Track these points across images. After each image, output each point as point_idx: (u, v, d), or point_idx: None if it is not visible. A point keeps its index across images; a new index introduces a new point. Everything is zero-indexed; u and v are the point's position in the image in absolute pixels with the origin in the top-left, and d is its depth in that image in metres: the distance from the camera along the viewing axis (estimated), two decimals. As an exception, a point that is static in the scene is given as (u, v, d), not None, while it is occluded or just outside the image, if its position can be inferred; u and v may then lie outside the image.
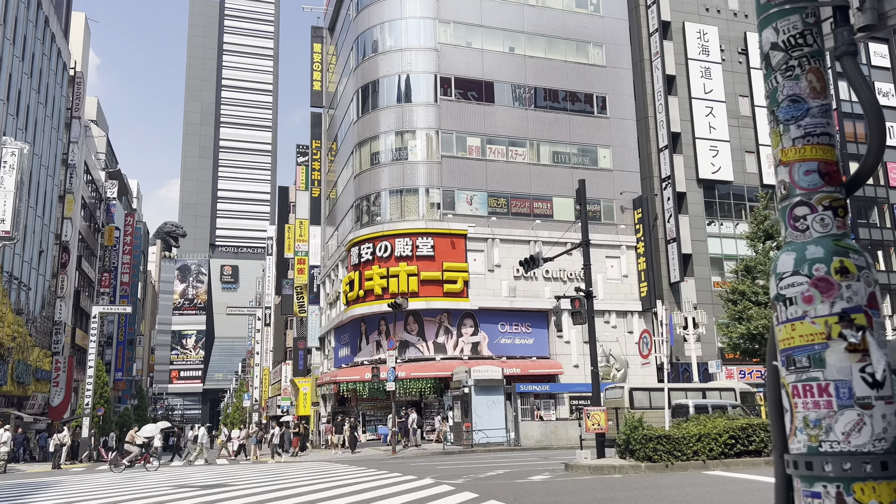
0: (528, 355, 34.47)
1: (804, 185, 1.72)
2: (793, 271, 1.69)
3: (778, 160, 1.77)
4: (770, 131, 1.83)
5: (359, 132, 37.24)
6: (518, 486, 13.02)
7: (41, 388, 40.74)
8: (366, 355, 34.86)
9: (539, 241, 34.07)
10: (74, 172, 47.36)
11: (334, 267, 41.20)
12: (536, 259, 20.23)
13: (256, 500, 11.82)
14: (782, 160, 1.75)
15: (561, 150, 37.49)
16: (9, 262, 34.70)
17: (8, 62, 33.91)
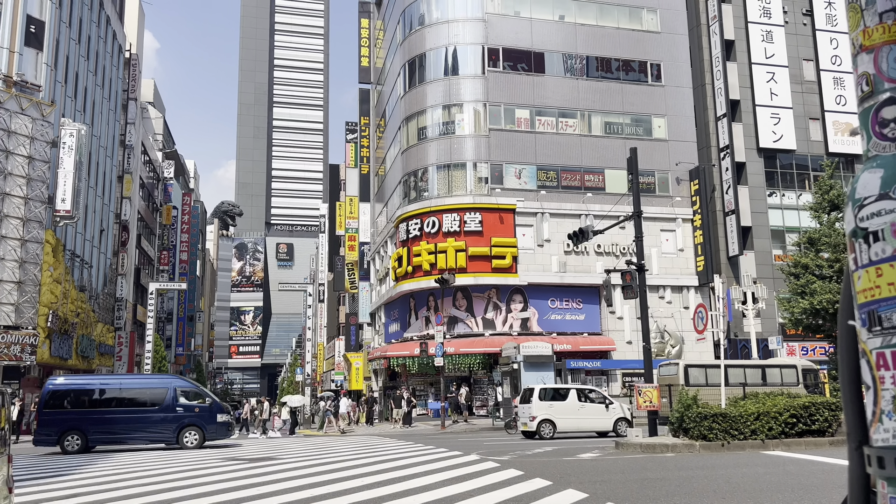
0: (580, 331, 33.87)
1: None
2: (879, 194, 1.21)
3: (858, 45, 1.28)
4: (847, 7, 1.34)
5: (406, 107, 36.90)
6: (566, 463, 12.66)
7: (105, 361, 42.23)
8: (415, 331, 34.85)
9: (590, 215, 33.21)
10: (132, 153, 48.50)
11: (383, 243, 41.22)
12: (586, 232, 19.62)
13: (299, 474, 11.79)
14: (864, 44, 1.26)
15: (613, 120, 36.39)
16: (71, 241, 35.82)
17: (65, 45, 34.67)
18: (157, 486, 10.79)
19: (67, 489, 10.72)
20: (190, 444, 19.57)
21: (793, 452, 13.50)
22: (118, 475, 12.63)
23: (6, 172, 29.00)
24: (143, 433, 19.69)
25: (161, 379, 22.61)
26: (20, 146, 29.60)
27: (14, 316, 28.70)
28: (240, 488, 10.22)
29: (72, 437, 18.95)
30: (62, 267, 33.12)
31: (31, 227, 29.65)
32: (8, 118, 29.20)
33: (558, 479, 10.41)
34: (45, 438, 19.10)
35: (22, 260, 29.16)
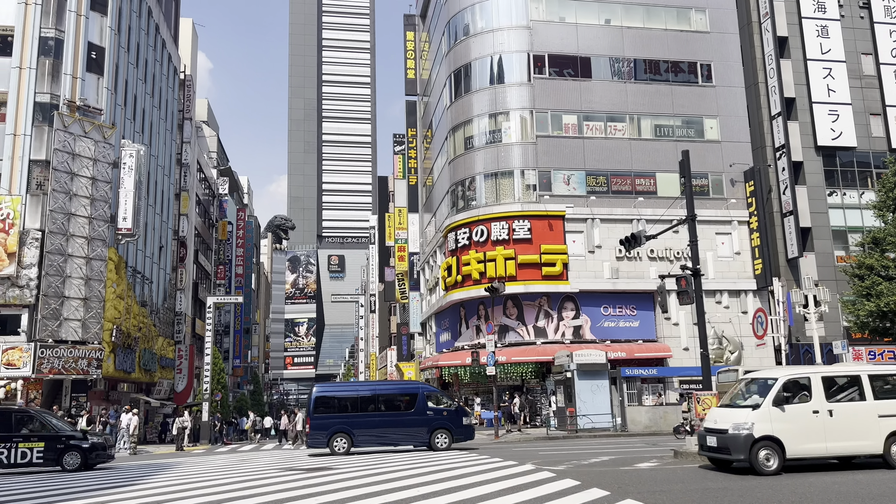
0: (634, 338, 33.31)
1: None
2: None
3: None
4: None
5: (452, 117, 37.08)
6: (623, 473, 12.43)
7: (166, 374, 43.51)
8: (466, 340, 34.84)
9: (642, 220, 32.66)
10: (188, 171, 50.02)
11: (432, 253, 41.40)
12: (638, 237, 19.28)
13: (353, 484, 11.89)
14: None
15: (664, 122, 35.83)
16: (132, 258, 37.10)
17: (124, 69, 36.07)
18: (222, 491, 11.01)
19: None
20: (441, 446, 20.46)
21: (862, 461, 12.97)
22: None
23: (71, 193, 30.28)
24: (401, 435, 20.70)
25: (409, 385, 23.73)
26: (84, 168, 30.88)
27: (81, 331, 29.86)
28: (291, 499, 10.35)
29: (339, 440, 20.17)
30: (124, 283, 34.31)
31: (95, 245, 30.86)
32: (72, 141, 30.52)
33: (616, 489, 10.23)
34: (317, 441, 20.45)
35: (87, 277, 30.35)
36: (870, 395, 12.07)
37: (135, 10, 38.49)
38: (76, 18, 32.24)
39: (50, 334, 28.95)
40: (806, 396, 11.88)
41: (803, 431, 11.62)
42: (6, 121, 30.62)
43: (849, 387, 12.22)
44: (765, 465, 11.39)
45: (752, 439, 11.49)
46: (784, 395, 11.82)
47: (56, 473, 17.23)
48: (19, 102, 30.75)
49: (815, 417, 11.70)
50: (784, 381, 11.94)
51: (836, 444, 11.74)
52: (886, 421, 11.99)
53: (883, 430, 11.92)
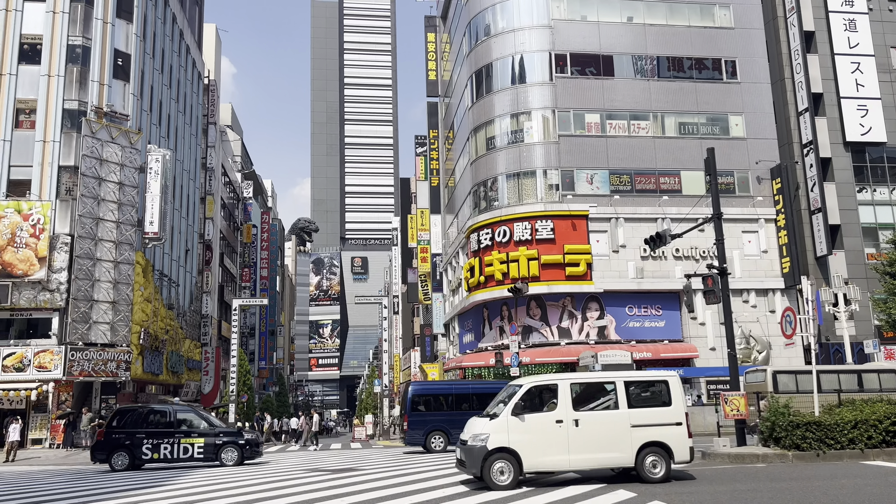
0: (660, 339, 33.00)
1: None
2: None
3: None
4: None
5: (474, 118, 37.06)
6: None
7: (193, 376, 44.06)
8: (489, 341, 34.78)
9: (667, 219, 32.42)
10: (213, 175, 50.60)
11: (455, 254, 41.40)
12: (663, 236, 19.10)
13: (379, 486, 11.92)
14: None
15: (688, 120, 35.46)
16: (159, 261, 37.62)
17: (149, 75, 36.60)
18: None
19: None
20: None
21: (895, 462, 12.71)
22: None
23: (99, 198, 30.79)
24: None
25: (499, 384, 23.62)
26: (111, 173, 31.38)
27: (109, 334, 30.34)
28: (320, 499, 10.42)
29: (436, 438, 20.50)
30: (151, 286, 34.80)
31: (122, 249, 31.34)
32: (100, 147, 31.04)
33: (643, 490, 10.15)
34: (415, 439, 20.81)
35: (115, 281, 30.83)
36: (624, 404, 11.18)
37: (159, 17, 39.04)
38: (102, 26, 32.79)
39: (80, 337, 29.44)
40: (553, 405, 11.00)
41: (544, 443, 10.75)
42: (35, 128, 31.25)
43: (604, 395, 11.37)
44: (498, 480, 10.52)
45: (486, 451, 10.59)
46: (529, 404, 10.99)
47: (93, 473, 17.51)
48: (48, 109, 31.35)
49: (559, 428, 10.81)
50: (529, 388, 11.12)
51: (582, 457, 10.82)
52: (640, 431, 11.05)
53: (635, 442, 11.00)
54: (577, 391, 11.22)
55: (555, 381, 11.26)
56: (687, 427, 11.30)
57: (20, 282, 29.04)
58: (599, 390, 11.43)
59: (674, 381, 11.59)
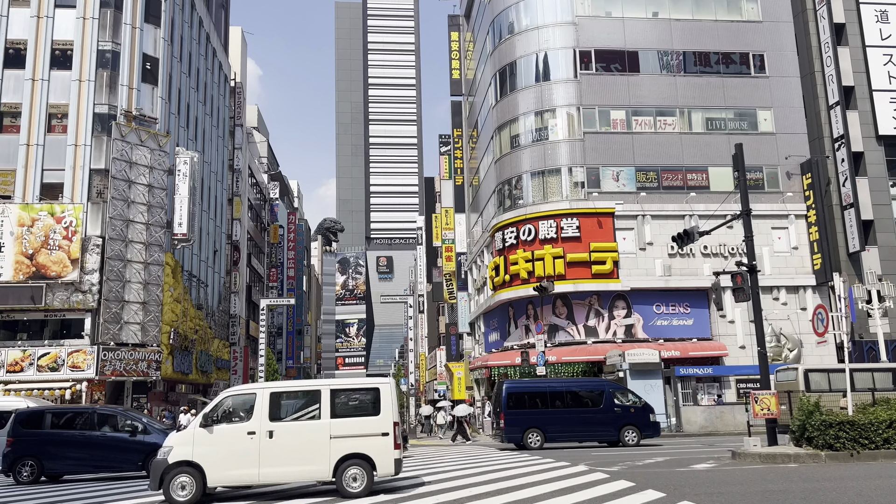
0: (688, 337, 32.62)
1: None
2: None
3: None
4: None
5: (498, 116, 36.96)
6: (679, 474, 12.19)
7: (222, 375, 44.59)
8: (515, 340, 34.68)
9: (694, 215, 31.97)
10: (240, 177, 51.15)
11: (480, 253, 41.35)
12: (691, 233, 18.88)
13: (402, 485, 11.94)
14: None
15: (715, 115, 35.00)
16: (188, 262, 38.13)
17: (177, 78, 37.11)
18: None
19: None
20: (630, 442, 20.70)
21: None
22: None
23: (129, 200, 31.31)
24: (590, 431, 21.09)
25: (596, 381, 23.89)
26: (141, 175, 31.88)
27: (140, 334, 30.84)
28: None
29: (533, 434, 20.75)
30: (181, 287, 35.28)
31: (152, 250, 31.82)
32: (129, 150, 31.55)
33: (672, 490, 10.04)
34: (512, 436, 21.00)
35: (145, 282, 31.32)
36: (326, 414, 10.69)
37: (186, 21, 39.55)
38: (131, 31, 33.31)
39: (111, 337, 29.96)
40: (249, 416, 10.51)
41: (232, 456, 10.26)
42: (67, 132, 31.86)
43: (312, 404, 10.82)
44: (177, 495, 10.06)
45: (166, 465, 10.15)
46: (223, 415, 10.54)
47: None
48: (79, 114, 31.94)
49: (251, 440, 10.32)
50: (224, 398, 10.72)
51: (274, 471, 10.29)
52: (340, 442, 10.52)
53: (335, 454, 10.48)
54: (278, 401, 10.69)
55: (253, 391, 10.76)
56: (394, 438, 10.67)
57: (54, 283, 29.65)
58: (307, 400, 10.90)
59: (385, 388, 10.98)
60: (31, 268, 29.64)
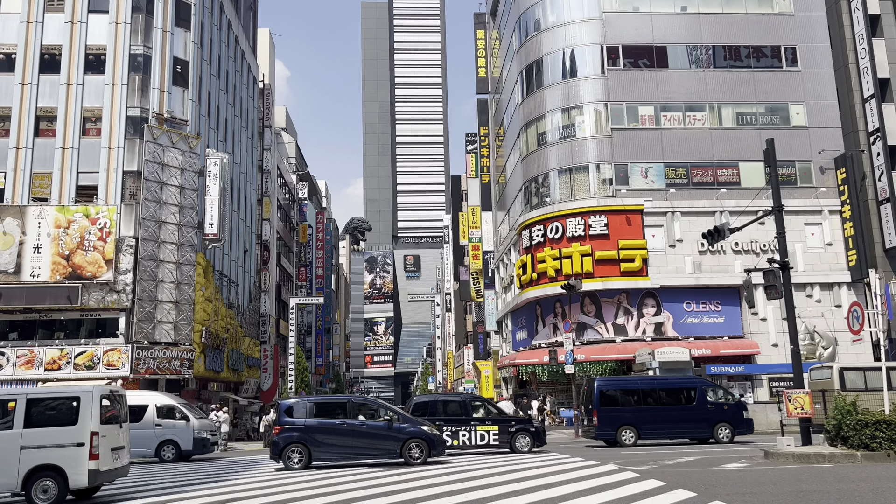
0: (719, 335, 32.21)
1: None
2: None
3: None
4: None
5: (524, 114, 36.84)
6: (710, 474, 12.05)
7: (253, 373, 45.11)
8: (543, 338, 34.55)
9: (725, 212, 31.62)
10: (269, 177, 51.69)
11: (507, 251, 41.26)
12: (721, 230, 18.63)
13: (424, 483, 11.98)
14: None
15: (746, 110, 34.48)
16: (219, 262, 38.64)
17: (207, 81, 37.61)
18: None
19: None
20: (724, 439, 20.57)
21: (975, 465, 12.10)
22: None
23: (161, 202, 31.83)
24: (683, 428, 20.97)
25: (688, 379, 23.66)
26: (172, 177, 32.39)
27: (173, 333, 31.35)
28: (346, 490, 10.51)
29: (626, 432, 20.68)
30: (212, 286, 35.78)
31: (184, 250, 32.32)
32: (161, 152, 32.07)
33: (703, 490, 9.93)
34: (605, 434, 20.99)
35: (178, 281, 31.83)
36: (20, 424, 10.51)
37: (215, 24, 40.05)
38: (162, 35, 33.84)
39: (145, 336, 30.51)
40: None
41: None
42: (101, 135, 32.48)
43: (3, 414, 10.66)
44: None
45: None
46: None
47: (158, 465, 18.15)
48: (112, 117, 32.54)
49: None
50: None
51: None
52: (32, 453, 10.30)
53: (24, 465, 10.27)
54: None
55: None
56: (91, 448, 10.42)
57: (89, 283, 30.26)
58: (2, 410, 10.68)
59: (87, 397, 10.74)
60: (67, 268, 30.30)
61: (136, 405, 19.14)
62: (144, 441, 19.89)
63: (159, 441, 20.32)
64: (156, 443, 20.24)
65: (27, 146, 32.12)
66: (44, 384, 29.38)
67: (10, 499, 11.06)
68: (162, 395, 22.66)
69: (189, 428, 20.62)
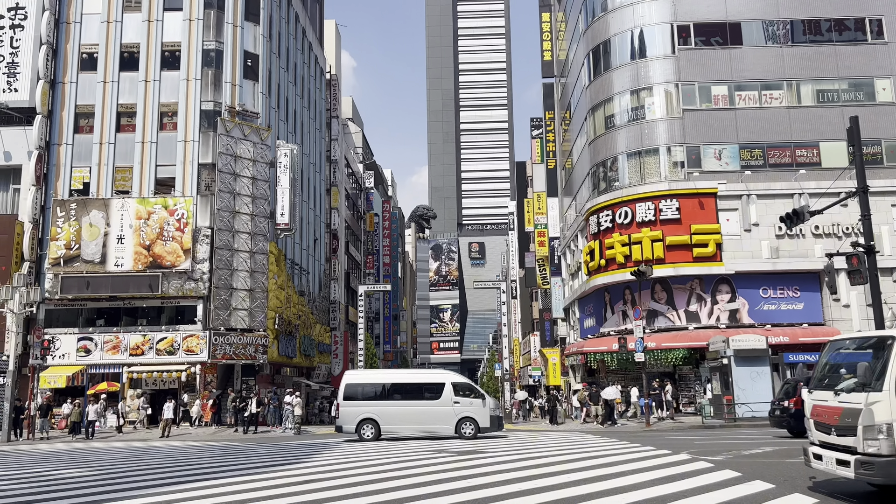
0: (798, 322, 31.00)
1: None
2: None
3: None
4: None
5: (591, 97, 36.19)
6: (790, 466, 11.68)
7: (324, 359, 46.28)
8: (612, 325, 34.06)
9: (804, 194, 30.31)
10: (337, 167, 52.63)
11: (574, 237, 40.76)
12: (801, 213, 17.86)
13: (501, 469, 12.05)
14: None
15: (827, 87, 32.85)
16: (290, 251, 39.70)
17: (276, 73, 38.52)
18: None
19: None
20: None
21: None
22: (341, 463, 13.71)
23: (235, 192, 32.88)
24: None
25: None
26: (245, 168, 33.41)
27: (248, 320, 32.46)
28: (440, 480, 10.65)
29: None
30: (284, 274, 36.81)
31: (257, 240, 33.35)
32: (234, 144, 33.09)
33: (782, 481, 9.65)
34: None
35: (251, 270, 32.89)
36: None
37: (283, 17, 40.90)
38: (233, 30, 34.81)
39: (221, 323, 31.70)
40: None
41: None
42: (177, 129, 33.75)
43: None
44: None
45: None
46: None
47: (231, 448, 18.90)
48: (188, 111, 33.78)
49: None
50: None
51: None
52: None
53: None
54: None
55: None
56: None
57: (168, 272, 31.63)
58: None
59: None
60: (148, 258, 31.74)
61: (434, 383, 21.70)
62: (444, 417, 20.83)
63: (458, 418, 20.83)
64: (455, 420, 20.82)
65: (110, 141, 33.73)
66: (129, 369, 30.94)
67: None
68: (455, 374, 23.48)
69: (486, 406, 21.19)
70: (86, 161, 33.71)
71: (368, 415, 21.06)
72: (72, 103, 34.09)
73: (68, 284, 31.47)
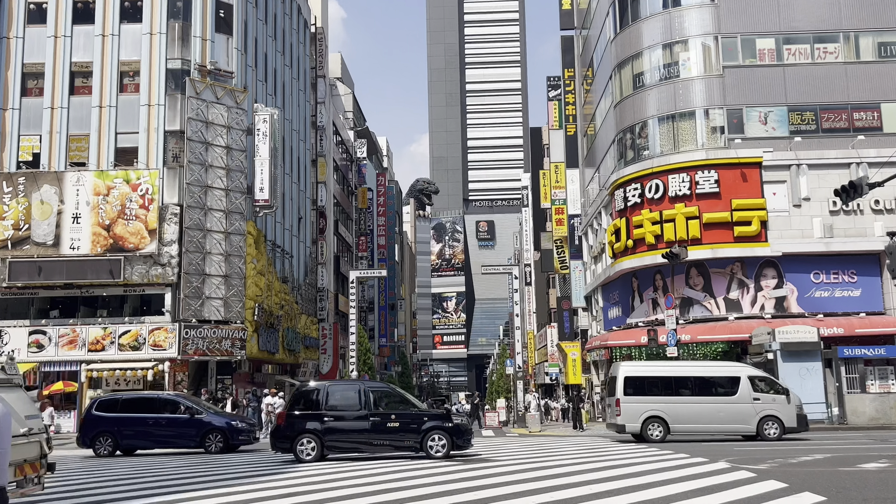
0: (854, 311, 31.06)
1: None
2: None
3: None
4: None
5: (617, 51, 35.98)
6: (843, 475, 11.71)
7: (310, 355, 46.46)
8: (640, 316, 34.12)
9: (863, 164, 30.18)
10: (324, 134, 52.49)
11: (597, 214, 40.72)
12: (859, 185, 17.82)
13: (515, 479, 12.09)
14: None
15: (890, 39, 32.66)
16: (271, 231, 39.72)
17: (253, 26, 38.29)
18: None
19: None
20: None
21: None
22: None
23: (207, 164, 32.82)
24: None
25: None
26: (218, 136, 33.31)
27: (223, 310, 32.51)
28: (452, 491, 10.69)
29: None
30: (264, 258, 36.83)
31: (233, 219, 33.33)
32: (205, 109, 32.97)
33: (834, 494, 9.66)
34: None
35: (227, 253, 32.89)
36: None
37: (261, -39, 40.55)
38: (203, -24, 34.50)
39: (193, 314, 31.75)
40: None
41: None
42: (140, 91, 33.61)
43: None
44: None
45: None
46: None
47: (192, 456, 19.01)
48: (151, 71, 33.62)
49: None
50: None
51: None
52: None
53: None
54: None
55: None
56: None
57: (132, 256, 31.66)
58: None
59: None
60: (108, 240, 31.76)
61: (726, 376, 21.45)
62: (743, 416, 20.40)
63: (760, 416, 20.37)
64: (756, 419, 20.34)
65: (62, 106, 33.63)
66: (87, 366, 31.09)
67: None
68: (749, 366, 23.28)
69: (791, 403, 20.73)
70: (35, 128, 33.65)
71: (655, 412, 20.70)
72: (18, 62, 33.96)
73: (17, 270, 31.55)
